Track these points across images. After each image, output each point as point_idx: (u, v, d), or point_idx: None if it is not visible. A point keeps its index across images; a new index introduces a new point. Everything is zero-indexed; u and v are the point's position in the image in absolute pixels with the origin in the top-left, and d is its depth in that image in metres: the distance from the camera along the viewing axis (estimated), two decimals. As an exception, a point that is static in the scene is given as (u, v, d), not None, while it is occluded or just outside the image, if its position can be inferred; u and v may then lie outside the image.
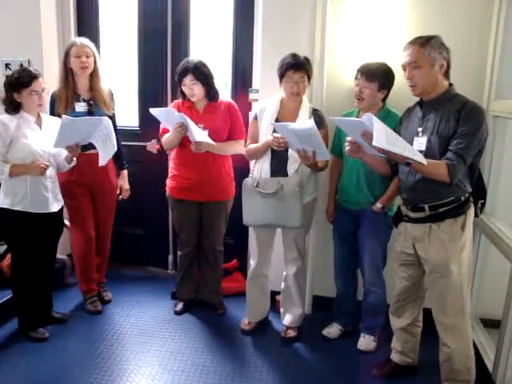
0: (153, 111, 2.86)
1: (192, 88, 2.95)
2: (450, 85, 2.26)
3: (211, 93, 3.02)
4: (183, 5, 3.58)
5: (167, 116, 2.91)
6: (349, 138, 2.32)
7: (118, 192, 3.33)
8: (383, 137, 2.01)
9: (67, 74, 3.05)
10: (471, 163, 2.20)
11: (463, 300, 2.27)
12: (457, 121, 2.14)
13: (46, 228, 2.86)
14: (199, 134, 2.85)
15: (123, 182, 3.34)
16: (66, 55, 3.03)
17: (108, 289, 3.53)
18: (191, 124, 2.80)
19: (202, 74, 2.94)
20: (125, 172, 3.35)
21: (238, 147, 3.07)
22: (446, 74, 2.24)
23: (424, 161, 2.08)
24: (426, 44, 2.17)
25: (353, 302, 3.06)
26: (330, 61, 3.08)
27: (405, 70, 2.27)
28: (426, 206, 2.27)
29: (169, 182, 3.19)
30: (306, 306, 3.25)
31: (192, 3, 3.59)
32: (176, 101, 3.13)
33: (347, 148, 2.34)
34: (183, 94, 3.03)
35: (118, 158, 3.24)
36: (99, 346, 2.92)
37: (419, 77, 2.21)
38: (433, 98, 2.25)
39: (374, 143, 1.99)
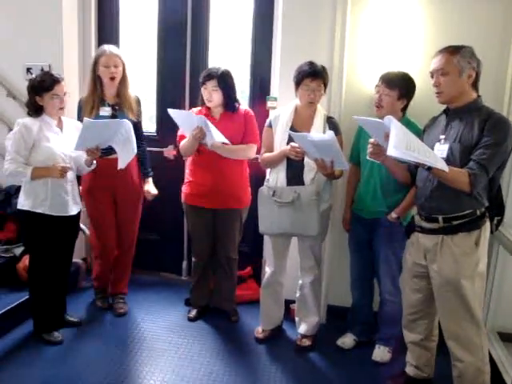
0: (171, 112, 2.87)
1: (211, 93, 2.97)
2: (479, 96, 2.24)
3: (229, 103, 3.02)
4: (202, 12, 3.61)
5: (185, 118, 2.92)
6: (372, 140, 2.30)
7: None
8: (403, 141, 1.99)
9: (95, 80, 3.07)
10: (492, 176, 2.17)
11: (476, 314, 2.23)
12: (481, 130, 2.12)
13: (64, 231, 2.88)
14: (217, 135, 2.85)
15: (149, 187, 3.28)
16: (95, 63, 3.04)
17: (127, 301, 3.46)
18: (210, 125, 2.80)
19: (225, 82, 2.96)
20: (150, 179, 3.31)
21: (250, 151, 3.06)
22: (475, 85, 2.23)
23: (446, 168, 2.06)
24: (455, 52, 2.17)
25: (368, 311, 3.03)
26: (349, 69, 3.08)
27: (432, 76, 2.26)
28: (440, 217, 2.25)
29: (184, 188, 3.19)
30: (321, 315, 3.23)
31: (211, 11, 3.61)
32: (194, 109, 3.14)
33: (369, 150, 2.31)
34: (202, 98, 3.05)
35: (142, 166, 3.25)
36: (112, 351, 2.92)
37: (446, 84, 2.20)
38: (459, 106, 2.23)
39: (389, 151, 1.97)
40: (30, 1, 3.55)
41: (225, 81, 2.96)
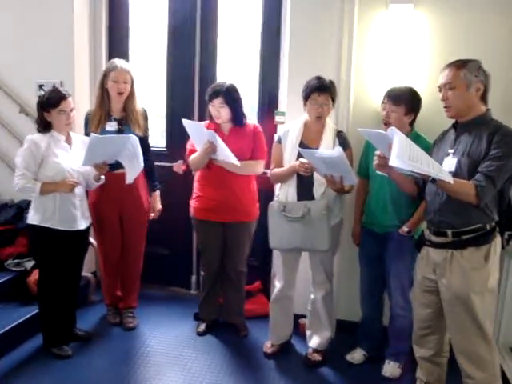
0: (185, 122, 2.91)
1: (219, 110, 2.99)
2: (488, 110, 2.23)
3: (237, 118, 3.05)
4: (211, 28, 3.66)
5: (197, 131, 2.94)
6: (378, 152, 2.29)
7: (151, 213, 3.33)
8: (406, 152, 1.99)
9: (103, 94, 3.09)
10: (501, 189, 2.16)
11: (486, 330, 2.20)
12: (489, 143, 2.11)
13: (73, 245, 2.91)
14: (226, 152, 2.87)
15: (155, 202, 3.32)
16: (105, 76, 3.06)
17: (136, 315, 3.45)
18: (219, 141, 2.83)
19: (232, 98, 2.98)
20: (157, 193, 3.33)
21: (258, 167, 3.08)
22: (483, 99, 2.23)
23: (451, 180, 2.05)
24: (462, 66, 2.17)
25: (378, 326, 3.01)
26: (356, 84, 3.10)
27: (440, 90, 2.26)
28: (449, 232, 2.23)
29: (193, 203, 3.20)
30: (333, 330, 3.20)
31: (219, 27, 3.66)
32: (203, 122, 3.16)
33: (375, 162, 2.30)
34: (210, 115, 3.07)
35: (150, 179, 3.28)
36: (121, 365, 2.92)
37: (453, 98, 2.20)
38: (468, 120, 2.23)
39: (391, 162, 1.98)
40: (42, 18, 3.62)
41: (231, 96, 2.98)
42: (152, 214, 3.33)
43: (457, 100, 2.20)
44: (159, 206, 3.34)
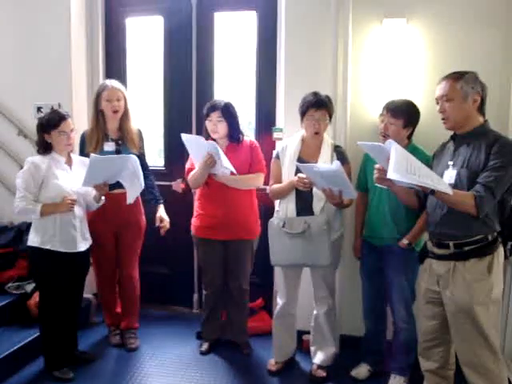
0: (184, 137, 2.93)
1: (217, 124, 3.01)
2: (485, 121, 2.25)
3: (234, 134, 3.07)
4: (207, 47, 3.69)
5: (196, 144, 2.96)
6: (377, 166, 2.30)
7: (158, 226, 3.28)
8: (403, 165, 1.99)
9: (98, 115, 3.13)
10: (501, 200, 2.16)
11: (491, 341, 2.18)
12: (488, 154, 2.12)
13: (73, 267, 2.89)
14: (226, 162, 2.88)
15: (161, 214, 3.29)
16: (97, 97, 3.11)
17: (138, 336, 3.42)
18: (221, 152, 2.85)
19: (229, 113, 3.01)
20: (161, 206, 3.32)
21: (257, 180, 3.09)
22: (481, 110, 2.24)
23: (449, 191, 2.05)
24: (459, 78, 2.19)
25: (382, 340, 2.99)
26: (353, 98, 3.13)
27: (438, 103, 2.28)
28: (451, 243, 2.23)
29: (194, 221, 3.20)
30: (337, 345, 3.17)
31: (216, 44, 3.69)
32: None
33: (375, 175, 2.31)
34: (207, 131, 3.09)
35: (151, 195, 3.28)
36: (124, 387, 2.89)
37: (451, 110, 2.21)
38: (466, 131, 2.24)
39: (389, 175, 1.99)
40: (40, 41, 3.67)
41: (229, 111, 3.01)
42: (165, 225, 3.28)
43: (454, 112, 2.21)
44: (167, 217, 3.30)
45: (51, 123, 2.79)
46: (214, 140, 3.05)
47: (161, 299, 4.00)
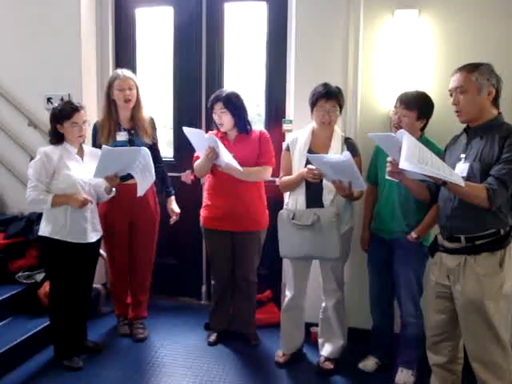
0: (186, 130, 2.93)
1: (221, 116, 3.01)
2: (499, 113, 2.21)
3: (240, 124, 3.05)
4: (217, 38, 3.69)
5: (198, 138, 2.96)
6: (389, 159, 2.27)
7: (170, 217, 3.32)
8: (415, 155, 1.97)
9: (110, 104, 3.13)
10: None
11: (501, 337, 2.16)
12: (501, 147, 2.09)
13: (83, 258, 2.91)
14: (228, 157, 2.88)
15: (172, 206, 3.32)
16: (109, 86, 3.11)
17: (146, 326, 3.45)
18: (221, 146, 2.84)
19: (231, 103, 3.00)
20: (172, 198, 3.34)
21: (264, 173, 3.07)
22: (495, 103, 2.20)
23: (461, 183, 2.03)
24: (473, 70, 2.16)
25: (390, 333, 2.99)
26: (363, 91, 3.11)
27: (451, 95, 2.24)
28: (463, 237, 2.20)
29: (202, 212, 3.21)
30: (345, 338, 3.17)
31: (226, 35, 3.69)
32: (210, 131, 3.18)
33: (388, 169, 2.28)
34: (216, 123, 3.09)
35: (163, 185, 3.30)
36: (132, 376, 2.91)
37: (465, 102, 2.18)
38: (479, 124, 2.21)
39: (401, 164, 1.96)
40: (50, 32, 3.68)
41: (231, 102, 3.00)
42: (174, 217, 3.32)
43: (468, 104, 2.18)
44: (177, 209, 3.33)
45: (64, 114, 2.80)
46: (225, 133, 3.05)
47: (169, 290, 4.02)
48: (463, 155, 2.23)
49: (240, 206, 3.05)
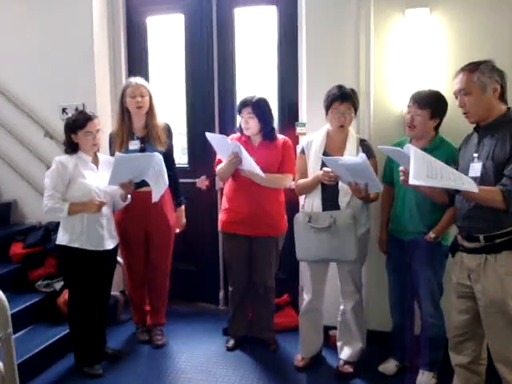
0: (208, 136, 2.95)
1: (248, 121, 3.01)
2: (509, 108, 2.19)
3: (266, 131, 3.05)
4: (228, 43, 3.70)
5: (220, 143, 2.97)
6: (401, 168, 2.28)
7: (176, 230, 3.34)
8: (423, 170, 1.94)
9: (123, 113, 3.16)
10: None
11: None
12: None
13: (101, 265, 2.93)
14: (251, 163, 2.88)
15: (180, 216, 3.35)
16: (122, 95, 3.14)
17: (165, 333, 3.44)
18: (244, 152, 2.84)
19: (260, 109, 2.99)
20: (182, 208, 3.36)
21: (285, 181, 3.06)
22: (502, 98, 2.18)
23: (475, 189, 1.99)
24: (474, 70, 2.14)
25: (410, 335, 2.94)
26: (376, 91, 3.09)
27: (457, 97, 2.23)
28: (481, 237, 2.18)
29: (221, 216, 3.21)
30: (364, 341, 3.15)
31: (237, 40, 3.70)
32: (233, 135, 3.18)
33: (401, 178, 2.29)
34: (241, 127, 3.09)
35: (175, 194, 3.30)
36: (152, 383, 2.92)
37: (470, 103, 2.16)
38: (489, 122, 2.18)
39: (410, 182, 1.94)
40: (63, 43, 3.73)
41: (260, 107, 2.99)
42: (177, 230, 3.35)
43: (475, 105, 2.16)
44: (184, 221, 3.36)
45: (78, 124, 2.84)
46: (248, 137, 3.05)
47: (187, 296, 4.02)
48: (476, 154, 2.20)
49: (260, 211, 3.04)
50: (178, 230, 3.35)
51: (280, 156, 3.06)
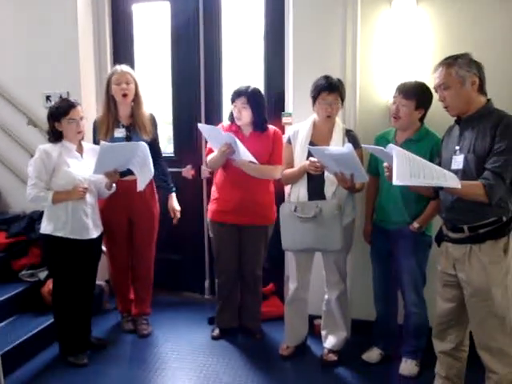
0: (201, 126, 2.93)
1: (241, 111, 2.99)
2: (488, 100, 2.21)
3: (258, 122, 3.04)
4: (215, 32, 3.67)
5: (213, 134, 2.95)
6: (385, 164, 2.30)
7: (171, 216, 3.30)
8: (406, 170, 1.97)
9: (109, 101, 3.12)
10: None
11: (508, 324, 2.17)
12: (493, 137, 2.09)
13: (86, 254, 2.91)
14: (246, 154, 2.87)
15: (173, 203, 3.31)
16: (108, 83, 3.10)
17: (150, 322, 3.44)
18: (239, 143, 2.83)
19: (255, 100, 2.98)
20: (173, 194, 3.33)
21: (275, 172, 3.04)
22: (481, 90, 2.20)
23: (457, 185, 2.02)
24: (452, 64, 2.15)
25: (393, 324, 2.99)
26: (362, 82, 3.10)
27: (436, 91, 2.25)
28: (465, 227, 2.21)
29: (210, 206, 3.20)
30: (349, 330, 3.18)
31: (223, 29, 3.67)
32: (222, 123, 3.17)
33: (386, 173, 2.31)
34: (232, 116, 3.07)
35: (164, 182, 3.28)
36: (137, 372, 2.92)
37: (450, 97, 2.18)
38: (469, 115, 2.20)
39: (394, 183, 1.96)
40: (47, 30, 3.67)
41: (254, 98, 2.98)
42: (176, 215, 3.30)
43: (454, 99, 2.18)
44: (178, 207, 3.32)
45: (61, 111, 2.80)
46: (239, 127, 3.04)
47: (172, 286, 4.03)
48: (457, 147, 2.23)
49: (249, 200, 3.04)
50: (178, 215, 3.30)
51: (270, 147, 3.05)
